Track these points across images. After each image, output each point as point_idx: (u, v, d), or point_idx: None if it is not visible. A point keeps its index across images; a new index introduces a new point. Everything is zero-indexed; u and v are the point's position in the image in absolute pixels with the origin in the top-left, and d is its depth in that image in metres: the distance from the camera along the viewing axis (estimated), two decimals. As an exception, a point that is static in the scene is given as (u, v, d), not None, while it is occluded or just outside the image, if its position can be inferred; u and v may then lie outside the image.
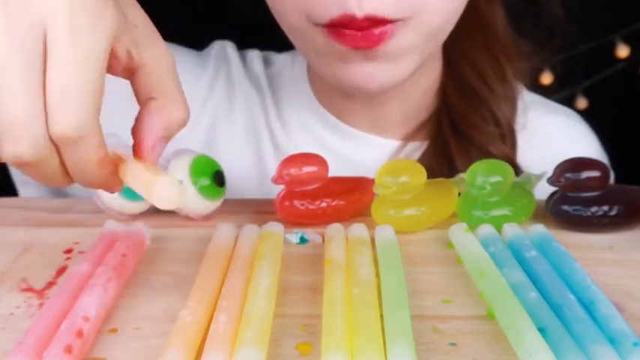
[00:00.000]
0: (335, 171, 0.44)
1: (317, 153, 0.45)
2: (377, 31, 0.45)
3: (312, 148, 0.58)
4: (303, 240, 0.41)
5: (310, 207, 0.43)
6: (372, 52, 0.47)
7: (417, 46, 0.49)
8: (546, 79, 1.04)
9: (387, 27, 0.46)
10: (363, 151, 0.59)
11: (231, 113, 0.61)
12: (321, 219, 0.43)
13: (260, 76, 0.63)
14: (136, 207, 0.44)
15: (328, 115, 0.59)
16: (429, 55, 0.52)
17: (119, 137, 0.34)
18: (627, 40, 1.12)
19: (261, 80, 0.63)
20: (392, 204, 0.42)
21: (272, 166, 0.60)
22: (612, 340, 0.30)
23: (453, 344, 0.31)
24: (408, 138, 0.60)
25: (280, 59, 0.65)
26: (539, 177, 0.45)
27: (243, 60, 0.65)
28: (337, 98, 0.58)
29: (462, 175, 0.44)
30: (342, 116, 0.59)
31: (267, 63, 0.65)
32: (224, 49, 0.65)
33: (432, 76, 0.59)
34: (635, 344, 0.29)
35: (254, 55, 0.65)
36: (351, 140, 0.59)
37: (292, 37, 0.53)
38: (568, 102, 1.08)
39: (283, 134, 0.60)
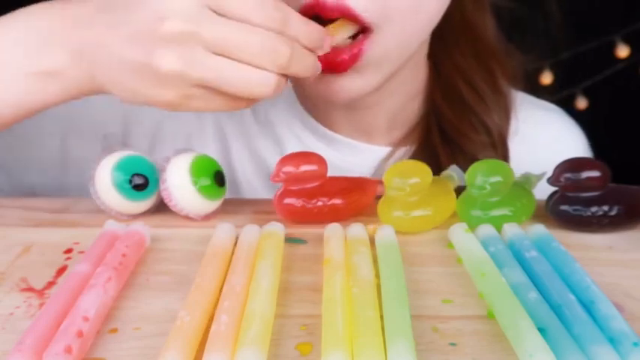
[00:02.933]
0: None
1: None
2: (347, 55, 0.46)
3: None
4: (300, 240, 0.42)
5: (307, 205, 0.43)
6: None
7: (386, 57, 0.49)
8: (546, 79, 1.04)
9: (355, 51, 0.46)
10: (350, 157, 0.58)
11: (202, 126, 0.61)
12: (318, 218, 0.43)
13: None
14: (136, 207, 0.44)
15: (313, 122, 0.59)
16: (403, 64, 0.52)
17: (118, 136, 0.34)
18: (627, 40, 1.13)
19: None
20: (400, 205, 0.42)
21: (247, 172, 0.60)
22: (612, 340, 0.30)
23: (453, 344, 0.31)
24: (396, 144, 0.59)
25: None
26: (539, 177, 0.45)
27: None
28: (320, 105, 0.58)
29: (448, 172, 0.45)
30: (327, 123, 0.59)
31: None
32: None
33: (415, 82, 0.59)
34: (635, 344, 0.29)
35: None
36: (338, 147, 0.59)
37: None
38: (568, 102, 1.08)
39: (264, 141, 0.60)
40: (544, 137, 0.62)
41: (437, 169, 0.51)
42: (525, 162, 0.53)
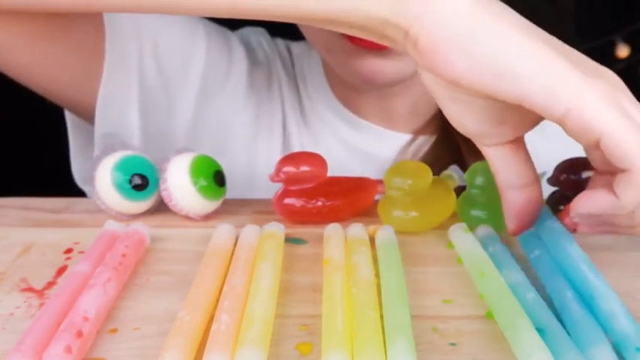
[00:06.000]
0: (348, 162, 0.45)
1: (320, 149, 0.46)
2: None
3: (329, 140, 0.61)
4: (300, 240, 0.42)
5: (307, 205, 0.43)
6: (381, 51, 0.50)
7: None
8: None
9: None
10: (375, 143, 0.61)
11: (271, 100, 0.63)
12: (317, 218, 0.43)
13: (288, 65, 0.65)
14: (136, 207, 0.44)
15: (342, 108, 0.62)
16: None
17: (118, 136, 0.34)
18: (627, 40, 1.12)
19: (289, 68, 0.65)
20: (400, 205, 0.42)
21: (274, 155, 0.62)
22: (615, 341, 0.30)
23: (453, 344, 0.31)
24: (417, 132, 0.62)
25: (298, 49, 0.67)
26: (539, 177, 0.45)
27: (278, 48, 0.67)
28: (350, 92, 0.61)
29: (448, 172, 0.45)
30: (355, 109, 0.62)
31: (289, 52, 0.67)
32: (263, 36, 0.66)
33: None
34: (638, 349, 0.29)
35: (280, 43, 0.67)
36: (364, 132, 0.61)
37: (305, 31, 0.55)
38: (568, 102, 1.08)
39: (302, 124, 0.63)
40: (555, 129, 0.63)
41: (457, 156, 0.52)
42: (537, 150, 0.55)
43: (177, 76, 0.58)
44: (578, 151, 0.37)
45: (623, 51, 1.13)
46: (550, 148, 0.44)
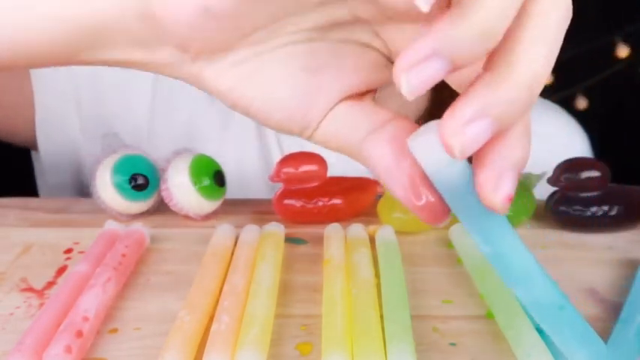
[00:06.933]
0: (336, 164, 0.45)
1: (316, 151, 0.45)
2: None
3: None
4: (300, 240, 0.42)
5: (307, 205, 0.43)
6: None
7: None
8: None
9: None
10: None
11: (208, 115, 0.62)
12: (318, 218, 0.43)
13: None
14: (136, 207, 0.44)
15: None
16: None
17: (118, 136, 0.34)
18: (627, 40, 1.13)
19: None
20: (400, 206, 0.42)
21: (255, 163, 0.61)
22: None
23: (453, 344, 0.31)
24: None
25: None
26: (539, 177, 0.45)
27: None
28: None
29: None
30: None
31: None
32: None
33: None
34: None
35: None
36: None
37: None
38: (568, 102, 1.08)
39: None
40: (544, 131, 0.63)
41: None
42: (535, 151, 0.55)
43: (120, 96, 0.58)
44: (575, 152, 0.37)
45: (623, 51, 1.14)
46: (548, 149, 0.44)
